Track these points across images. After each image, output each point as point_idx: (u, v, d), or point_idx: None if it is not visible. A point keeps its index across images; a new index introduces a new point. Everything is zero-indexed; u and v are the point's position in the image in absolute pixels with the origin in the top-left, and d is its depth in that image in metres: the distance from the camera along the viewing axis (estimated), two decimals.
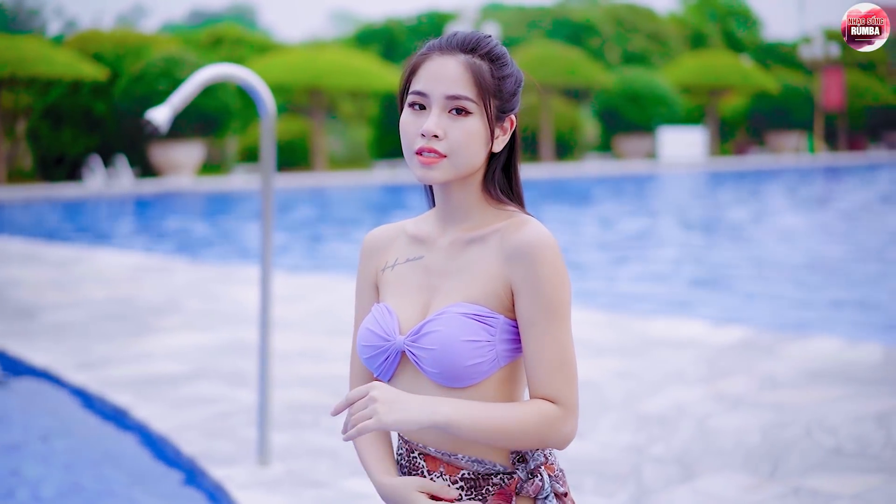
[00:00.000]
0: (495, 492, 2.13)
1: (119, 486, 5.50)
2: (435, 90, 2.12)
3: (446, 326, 2.09)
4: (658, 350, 8.10)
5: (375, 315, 2.22)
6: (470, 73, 2.12)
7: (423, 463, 2.16)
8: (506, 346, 2.12)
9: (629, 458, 5.51)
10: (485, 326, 2.10)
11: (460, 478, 2.13)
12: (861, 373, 7.27)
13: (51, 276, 12.40)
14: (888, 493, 4.94)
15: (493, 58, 2.16)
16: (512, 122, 2.20)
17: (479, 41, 2.16)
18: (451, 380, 2.10)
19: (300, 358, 7.84)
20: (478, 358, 2.09)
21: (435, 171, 2.12)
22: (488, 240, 2.16)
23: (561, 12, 54.36)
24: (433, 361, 2.10)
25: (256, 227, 19.95)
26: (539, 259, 2.08)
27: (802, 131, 50.03)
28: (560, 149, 43.36)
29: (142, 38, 34.48)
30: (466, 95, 2.11)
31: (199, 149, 32.30)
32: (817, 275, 14.06)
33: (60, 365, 7.63)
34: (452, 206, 2.20)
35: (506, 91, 2.17)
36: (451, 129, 2.11)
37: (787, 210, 24.34)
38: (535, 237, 2.10)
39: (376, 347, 2.18)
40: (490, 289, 2.12)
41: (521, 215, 2.18)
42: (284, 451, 5.64)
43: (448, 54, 2.14)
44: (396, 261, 2.27)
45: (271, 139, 5.50)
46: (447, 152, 2.11)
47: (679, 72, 47.51)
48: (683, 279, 13.76)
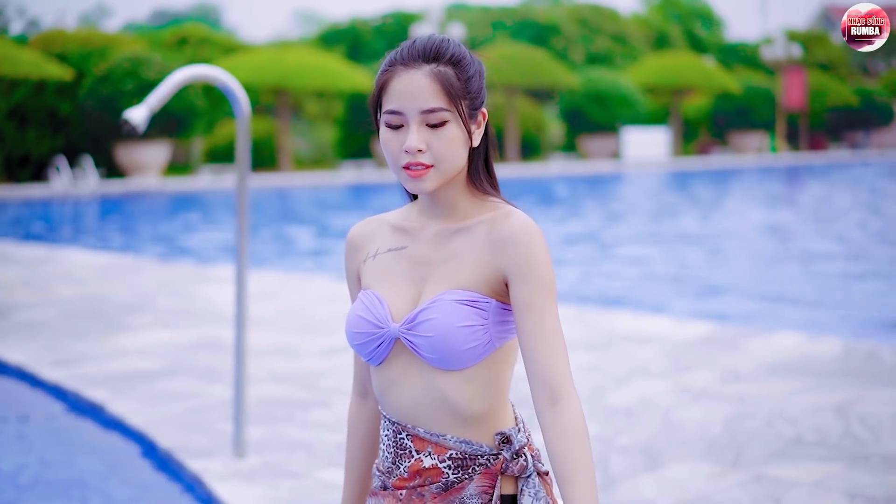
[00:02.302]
0: (481, 471, 2.23)
1: (98, 479, 5.59)
2: (409, 107, 2.19)
3: (442, 314, 2.19)
4: (624, 345, 8.27)
5: (365, 302, 2.30)
6: (438, 84, 2.19)
7: (411, 444, 2.25)
8: (498, 328, 2.22)
9: (596, 449, 5.66)
10: (478, 311, 2.20)
11: (448, 457, 2.23)
12: (821, 366, 7.47)
13: (21, 276, 12.43)
14: (846, 480, 5.12)
15: (455, 61, 2.23)
16: (484, 115, 2.29)
17: (439, 48, 2.22)
18: (449, 364, 2.20)
19: (273, 354, 7.96)
20: (474, 342, 2.19)
21: (425, 181, 2.21)
22: (475, 230, 2.26)
23: (525, 13, 54.59)
24: (431, 348, 2.19)
25: (223, 227, 20.01)
26: (531, 246, 2.19)
27: (764, 131, 50.49)
28: (525, 149, 43.56)
29: (106, 38, 34.36)
30: (440, 106, 2.18)
31: (164, 149, 32.26)
32: (778, 271, 14.28)
33: (35, 362, 7.71)
34: (439, 202, 2.29)
35: (473, 90, 2.24)
36: (433, 141, 2.19)
37: (749, 208, 24.60)
38: (524, 226, 2.21)
39: (369, 334, 2.27)
40: (481, 275, 2.22)
41: (504, 206, 2.28)
42: (260, 444, 5.76)
43: (413, 67, 2.20)
44: (378, 250, 2.35)
45: (246, 139, 5.61)
46: (433, 162, 2.20)
47: (642, 72, 47.83)
48: (649, 276, 13.95)
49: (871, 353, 7.86)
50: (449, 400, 2.22)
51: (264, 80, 35.19)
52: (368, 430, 2.47)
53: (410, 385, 2.25)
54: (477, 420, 2.24)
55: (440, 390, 2.22)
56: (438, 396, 2.22)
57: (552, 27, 53.32)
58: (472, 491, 2.23)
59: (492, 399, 2.25)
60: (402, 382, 2.26)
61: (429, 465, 2.24)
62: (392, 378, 2.27)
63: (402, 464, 2.27)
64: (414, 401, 2.25)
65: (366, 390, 2.46)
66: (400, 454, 2.27)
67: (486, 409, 2.24)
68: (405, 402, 2.26)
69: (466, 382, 2.22)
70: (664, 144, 44.82)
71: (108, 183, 30.24)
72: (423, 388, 2.24)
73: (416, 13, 48.52)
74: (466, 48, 2.29)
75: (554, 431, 2.17)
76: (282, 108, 36.56)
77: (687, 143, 50.82)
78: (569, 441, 2.16)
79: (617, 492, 5.05)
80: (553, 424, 2.17)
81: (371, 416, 2.47)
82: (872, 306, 11.50)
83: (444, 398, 2.22)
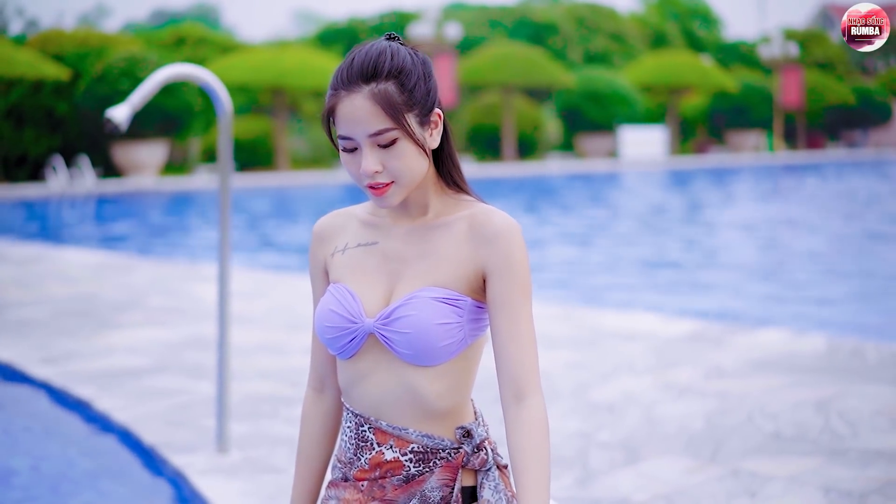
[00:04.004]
0: (442, 464, 2.27)
1: (82, 475, 5.64)
2: (356, 132, 2.20)
3: (419, 311, 2.21)
4: (610, 342, 8.32)
5: (336, 296, 2.32)
6: (379, 106, 2.17)
7: (373, 436, 2.28)
8: (472, 325, 2.26)
9: (576, 444, 5.71)
10: (454, 309, 2.23)
11: (410, 451, 2.26)
12: (804, 362, 7.52)
13: (13, 274, 12.48)
14: (823, 474, 5.17)
15: (395, 74, 2.20)
16: (439, 115, 2.28)
17: (376, 65, 2.19)
18: (423, 360, 2.23)
19: (260, 352, 8.01)
20: (449, 339, 2.22)
21: (389, 197, 2.24)
22: (454, 226, 2.28)
23: (523, 12, 54.61)
24: (407, 344, 2.22)
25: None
26: (511, 244, 2.22)
27: (762, 130, 50.54)
28: (522, 148, 43.59)
29: (104, 38, 34.37)
30: (385, 128, 2.18)
31: (161, 149, 32.29)
32: (769, 268, 14.33)
33: (24, 359, 7.76)
34: (410, 202, 2.32)
35: (419, 98, 2.22)
36: (387, 161, 2.20)
37: (746, 207, 24.65)
38: (506, 224, 2.23)
39: (341, 328, 2.28)
40: (459, 272, 2.25)
41: (481, 204, 2.31)
42: (243, 440, 5.81)
43: (354, 91, 2.19)
44: (347, 245, 2.37)
45: (228, 138, 5.66)
46: (392, 178, 2.22)
47: (640, 71, 47.86)
48: (642, 274, 14.00)
49: (856, 350, 7.91)
50: (418, 395, 2.25)
51: (261, 79, 35.23)
52: (323, 425, 2.49)
53: (379, 380, 2.28)
54: (441, 415, 2.28)
55: (410, 385, 2.25)
56: (408, 391, 2.25)
57: (550, 26, 53.35)
58: (433, 484, 2.27)
59: (458, 395, 2.29)
60: (371, 377, 2.28)
61: (390, 458, 2.27)
62: (361, 372, 2.29)
63: (363, 456, 2.30)
64: (381, 395, 2.27)
65: (323, 385, 2.48)
66: (361, 446, 2.30)
67: (452, 405, 2.28)
68: (372, 395, 2.28)
69: (437, 378, 2.25)
70: (661, 143, 44.87)
71: (105, 182, 30.28)
72: (392, 383, 2.26)
73: (413, 12, 48.54)
74: (407, 50, 2.25)
75: (516, 426, 2.22)
76: (279, 108, 36.59)
77: (684, 142, 50.86)
78: (528, 436, 2.20)
79: (594, 486, 5.09)
80: (516, 419, 2.22)
81: (326, 411, 2.48)
82: (859, 304, 11.55)
83: (413, 393, 2.25)
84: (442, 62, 39.32)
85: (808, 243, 17.22)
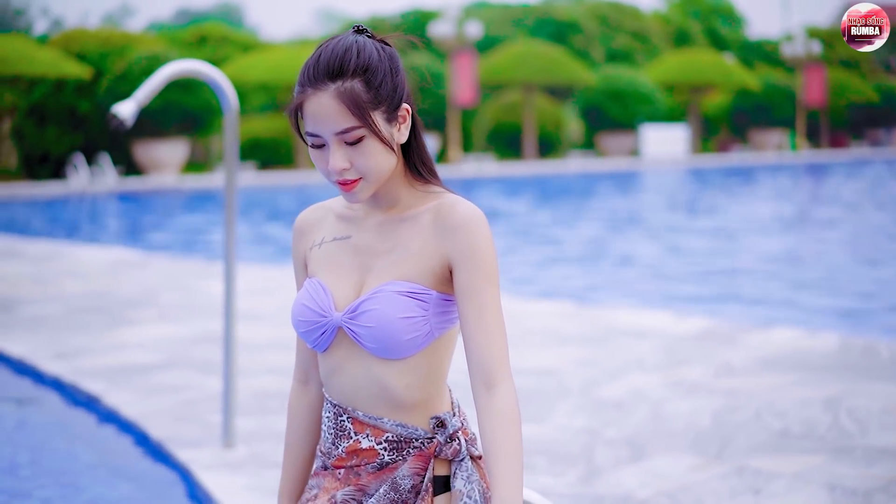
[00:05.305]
0: (415, 453, 2.30)
1: (89, 469, 5.68)
2: (323, 130, 2.21)
3: (382, 305, 2.24)
4: (621, 339, 8.30)
5: (309, 291, 2.36)
6: (344, 105, 2.18)
7: (351, 426, 2.31)
8: (439, 318, 2.27)
9: (582, 440, 5.70)
10: (419, 303, 2.25)
11: (384, 440, 2.30)
12: (815, 360, 7.48)
13: (30, 271, 12.55)
14: (828, 472, 5.14)
15: (361, 72, 2.20)
16: (408, 111, 2.28)
17: (342, 62, 2.19)
18: (388, 353, 2.26)
19: (269, 348, 8.03)
20: (413, 332, 2.24)
21: (358, 193, 2.26)
22: (420, 219, 2.30)
23: (545, 10, 54.49)
24: (372, 338, 2.25)
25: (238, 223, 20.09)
26: (475, 233, 2.24)
27: (785, 129, 50.33)
28: (543, 146, 43.55)
29: (126, 37, 34.56)
30: (351, 126, 2.19)
31: (182, 147, 32.42)
32: (786, 266, 14.27)
33: (36, 355, 7.80)
34: (380, 195, 2.34)
35: (386, 95, 2.22)
36: (354, 158, 2.21)
37: (764, 205, 24.56)
38: (469, 214, 2.25)
39: (312, 322, 2.33)
40: (425, 265, 2.27)
41: (448, 195, 2.32)
42: (249, 435, 5.82)
43: (320, 89, 2.19)
44: (323, 239, 2.40)
45: (234, 135, 5.67)
46: (360, 175, 2.23)
47: (662, 69, 47.74)
48: (656, 272, 13.96)
49: (868, 348, 7.87)
50: (387, 387, 2.28)
51: (281, 78, 35.30)
52: (308, 417, 2.52)
53: (351, 372, 2.31)
54: (413, 406, 2.31)
55: (379, 378, 2.28)
56: (377, 384, 2.29)
57: (572, 24, 53.23)
58: (404, 472, 2.29)
59: (429, 387, 2.31)
60: (344, 369, 2.32)
61: (366, 447, 2.31)
62: (335, 364, 2.33)
63: (340, 444, 2.33)
64: (354, 387, 2.31)
65: (307, 377, 2.52)
66: (339, 435, 2.34)
67: (424, 397, 2.31)
68: (346, 387, 2.32)
69: (405, 371, 2.28)
70: (683, 142, 44.74)
71: (127, 181, 30.41)
72: (362, 376, 2.30)
73: (434, 11, 48.56)
74: (374, 45, 2.25)
75: (486, 414, 2.23)
76: None
77: (706, 141, 50.71)
78: (499, 424, 2.22)
79: (598, 483, 5.08)
80: (486, 408, 2.24)
81: (310, 403, 2.51)
82: (875, 301, 11.49)
83: (382, 386, 2.28)
84: (463, 60, 39.32)
85: (829, 241, 17.13)
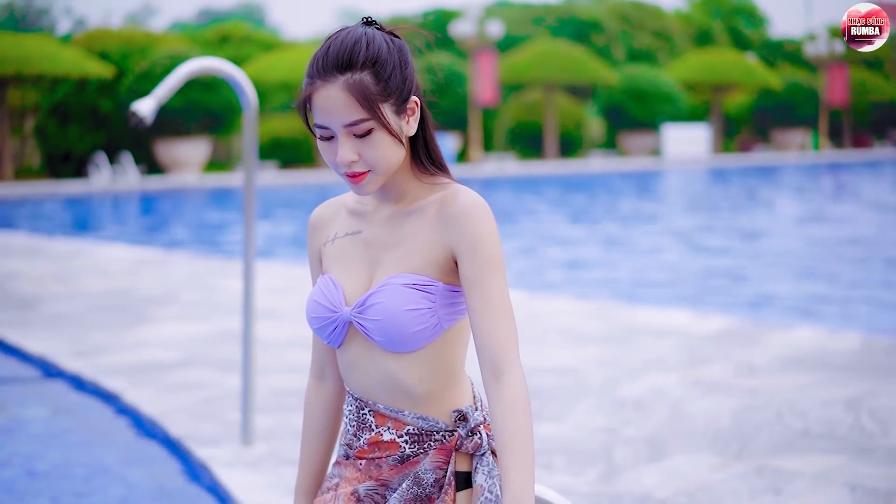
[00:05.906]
0: (436, 447, 2.30)
1: (109, 466, 5.69)
2: (332, 122, 2.21)
3: (389, 298, 2.24)
4: (641, 339, 8.27)
5: (321, 287, 2.38)
6: (354, 97, 2.18)
7: (373, 419, 2.32)
8: (447, 310, 2.27)
9: (601, 439, 5.68)
10: (425, 294, 2.24)
11: (406, 433, 2.30)
12: (837, 360, 7.44)
13: (51, 269, 12.60)
14: (849, 472, 5.11)
15: (370, 64, 2.20)
16: (416, 103, 2.28)
17: (351, 54, 2.20)
18: (397, 346, 2.26)
19: (288, 346, 8.03)
20: (421, 325, 2.24)
21: (366, 185, 2.26)
22: (426, 210, 2.30)
23: (567, 10, 54.42)
24: (379, 331, 2.25)
25: (259, 223, 20.13)
26: (478, 222, 2.23)
27: (807, 128, 50.10)
28: (564, 146, 43.49)
29: (148, 37, 34.70)
30: (360, 118, 2.19)
31: (204, 146, 32.51)
32: (810, 267, 14.21)
33: (57, 353, 7.83)
34: (388, 188, 2.34)
35: (395, 87, 2.22)
36: (363, 150, 2.22)
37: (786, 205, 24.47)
38: (471, 203, 2.24)
39: (324, 318, 2.34)
40: (431, 257, 2.26)
41: (453, 185, 2.31)
42: (268, 433, 5.83)
43: (329, 81, 2.20)
44: (336, 234, 2.41)
45: (253, 133, 5.68)
46: (369, 167, 2.23)
47: (684, 69, 47.60)
48: (683, 272, 13.92)
49: (891, 348, 7.82)
50: (400, 381, 2.28)
51: (302, 77, 35.25)
52: (324, 412, 2.53)
53: (366, 367, 2.32)
54: (430, 398, 2.30)
55: (392, 371, 2.28)
56: (391, 377, 2.29)
57: (594, 24, 53.13)
58: (426, 465, 2.29)
59: (443, 379, 2.31)
60: (360, 364, 2.33)
61: (387, 439, 2.31)
62: (351, 360, 2.34)
63: (362, 436, 2.34)
64: (371, 381, 2.31)
65: (323, 373, 2.52)
66: (362, 427, 2.34)
67: (438, 389, 2.30)
68: (363, 381, 2.33)
69: (416, 364, 2.28)
70: (705, 141, 44.59)
71: (149, 179, 30.51)
72: (376, 370, 2.30)
73: (456, 10, 48.55)
74: (384, 37, 2.25)
75: (496, 404, 2.22)
76: None
77: (728, 141, 50.53)
78: (509, 413, 2.20)
79: (618, 482, 5.07)
80: (496, 397, 2.22)
81: (327, 398, 2.52)
82: None
83: (395, 379, 2.29)
84: (484, 60, 39.30)
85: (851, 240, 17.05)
